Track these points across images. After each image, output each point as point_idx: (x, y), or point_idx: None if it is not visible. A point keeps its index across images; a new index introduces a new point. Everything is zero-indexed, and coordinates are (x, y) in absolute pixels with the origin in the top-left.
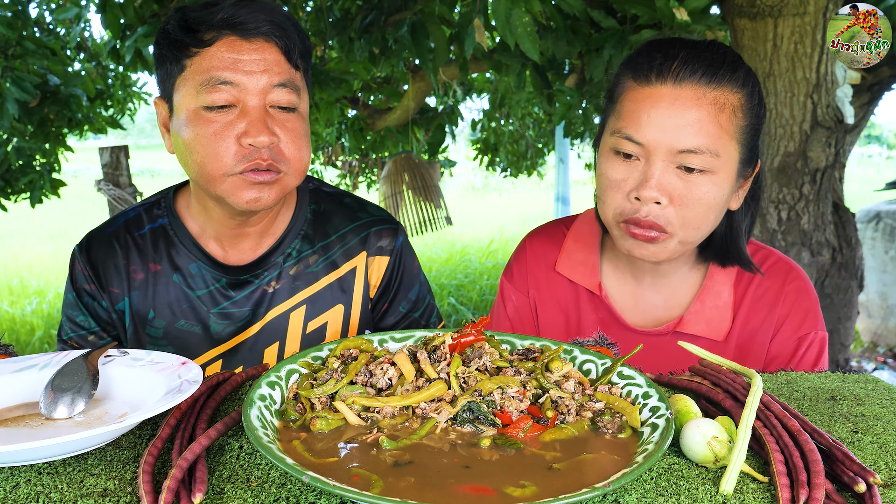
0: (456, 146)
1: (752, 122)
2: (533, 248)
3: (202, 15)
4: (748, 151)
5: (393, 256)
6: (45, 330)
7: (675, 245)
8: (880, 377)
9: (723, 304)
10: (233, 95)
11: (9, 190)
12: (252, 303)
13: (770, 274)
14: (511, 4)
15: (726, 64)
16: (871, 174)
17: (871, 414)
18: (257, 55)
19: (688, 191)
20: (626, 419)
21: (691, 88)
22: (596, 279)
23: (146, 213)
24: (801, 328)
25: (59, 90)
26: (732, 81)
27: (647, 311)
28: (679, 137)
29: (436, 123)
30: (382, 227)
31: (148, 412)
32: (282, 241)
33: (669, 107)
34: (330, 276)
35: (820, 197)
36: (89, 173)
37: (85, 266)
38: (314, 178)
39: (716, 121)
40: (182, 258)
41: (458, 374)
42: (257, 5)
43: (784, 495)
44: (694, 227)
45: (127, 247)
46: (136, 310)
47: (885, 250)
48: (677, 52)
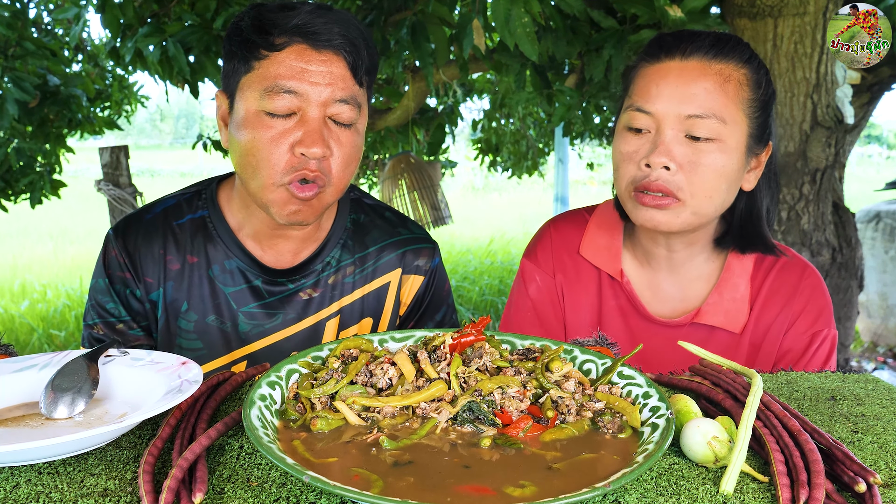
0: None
1: (759, 97)
2: (558, 231)
3: (277, 17)
4: (758, 127)
5: (428, 276)
6: (44, 330)
7: (688, 215)
8: (880, 377)
9: (740, 297)
10: (295, 104)
11: (9, 191)
12: (284, 307)
13: (786, 269)
14: (510, 5)
15: (731, 41)
16: (871, 174)
17: (871, 414)
18: (325, 67)
19: (696, 157)
20: (627, 419)
21: (697, 61)
22: (618, 265)
23: (187, 203)
24: (816, 324)
25: (59, 90)
26: (737, 56)
27: (664, 302)
28: (686, 104)
29: (436, 124)
30: (421, 245)
31: (148, 412)
32: (322, 249)
33: (677, 77)
34: (365, 289)
35: (820, 197)
36: (89, 173)
37: (120, 252)
38: (356, 188)
39: (721, 89)
40: (219, 253)
41: (458, 374)
42: (333, 15)
43: (784, 495)
44: (705, 195)
45: (164, 236)
46: (170, 301)
47: (885, 250)
48: (686, 34)
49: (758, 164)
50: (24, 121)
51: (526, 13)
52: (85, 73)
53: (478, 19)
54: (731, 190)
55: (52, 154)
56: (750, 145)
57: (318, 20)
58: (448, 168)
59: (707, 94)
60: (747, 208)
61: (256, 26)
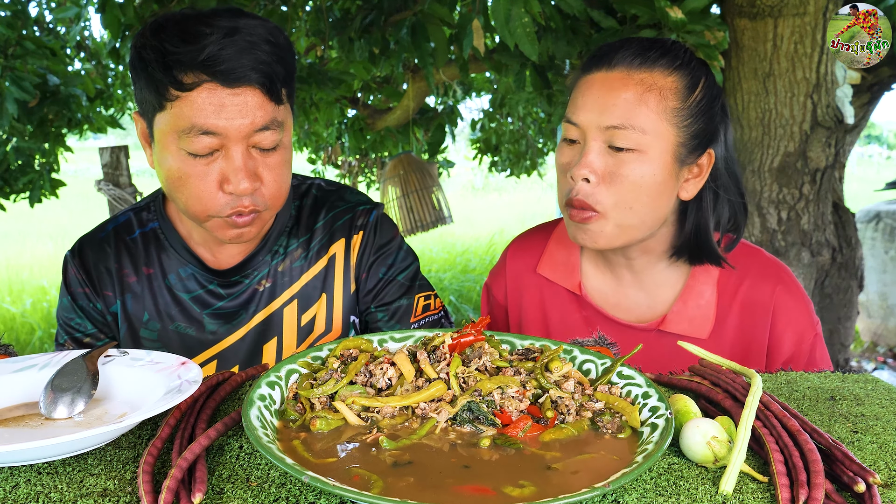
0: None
1: (690, 105)
2: (514, 255)
3: (182, 53)
4: (690, 136)
5: (367, 230)
6: (45, 330)
7: (612, 228)
8: (880, 377)
9: (705, 304)
10: (215, 142)
11: (8, 190)
12: (244, 302)
13: (759, 278)
14: (510, 5)
15: (659, 49)
16: (871, 174)
17: (871, 414)
18: (239, 101)
19: (617, 168)
20: (626, 419)
21: (621, 71)
22: (576, 279)
23: (136, 218)
24: (807, 334)
25: (59, 90)
26: (664, 64)
27: (630, 309)
28: (606, 115)
29: (436, 123)
30: (359, 208)
31: (148, 412)
32: (267, 240)
33: (599, 88)
34: (314, 269)
35: (820, 197)
36: (89, 173)
37: (78, 271)
38: (296, 175)
39: (642, 99)
40: (173, 262)
41: (457, 374)
42: (240, 41)
43: (784, 495)
44: (626, 206)
45: (118, 251)
46: (130, 312)
47: (885, 250)
48: (618, 45)
49: (698, 172)
50: (23, 120)
51: (526, 13)
52: (85, 72)
53: (478, 19)
54: (660, 201)
55: (50, 153)
56: (680, 155)
57: (225, 52)
58: (445, 168)
59: (626, 105)
60: (695, 220)
61: (161, 62)
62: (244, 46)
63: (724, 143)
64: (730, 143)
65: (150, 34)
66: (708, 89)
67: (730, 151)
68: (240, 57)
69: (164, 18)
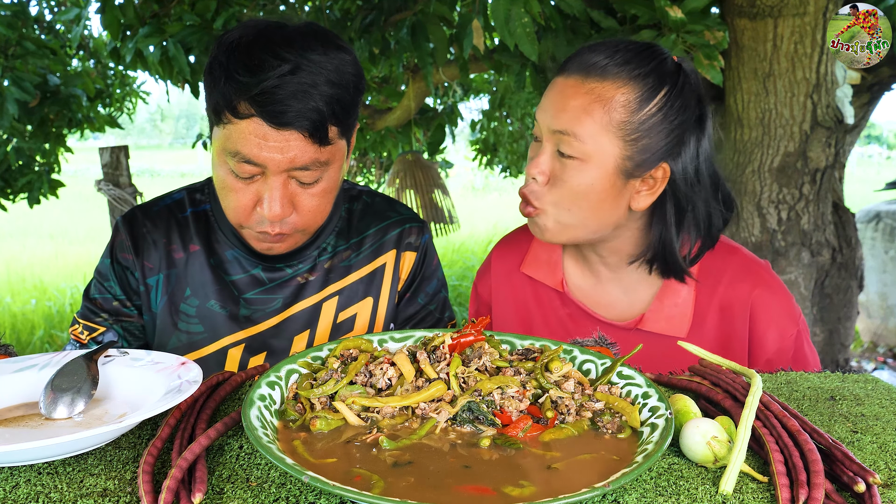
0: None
1: (640, 120)
2: (498, 256)
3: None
4: (637, 152)
5: (419, 252)
6: (45, 329)
7: (553, 223)
8: (880, 377)
9: (682, 303)
10: (256, 170)
11: (8, 190)
12: (284, 291)
13: (737, 277)
14: (510, 5)
15: (623, 56)
16: (871, 174)
17: (871, 414)
18: (282, 141)
19: (560, 172)
20: (626, 419)
21: (574, 79)
22: (558, 276)
23: (189, 198)
24: (788, 332)
25: (59, 90)
26: (617, 74)
27: (610, 307)
28: (554, 119)
29: (436, 123)
30: (411, 225)
31: (148, 412)
32: (317, 237)
33: (555, 93)
34: (361, 271)
35: (820, 197)
36: (89, 173)
37: (126, 237)
38: (346, 180)
39: (587, 109)
40: (220, 244)
41: (457, 374)
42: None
43: (783, 495)
44: (564, 207)
45: (169, 226)
46: (172, 287)
47: (885, 250)
48: (586, 50)
49: (652, 184)
50: (23, 120)
51: (526, 13)
52: (85, 71)
53: (478, 19)
54: (603, 208)
55: (51, 153)
56: (625, 168)
57: (279, 93)
58: (444, 168)
59: (573, 112)
60: (658, 232)
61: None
62: (299, 89)
63: (692, 155)
64: (703, 154)
65: (224, 50)
66: (670, 101)
67: (701, 163)
68: (291, 101)
69: (241, 34)
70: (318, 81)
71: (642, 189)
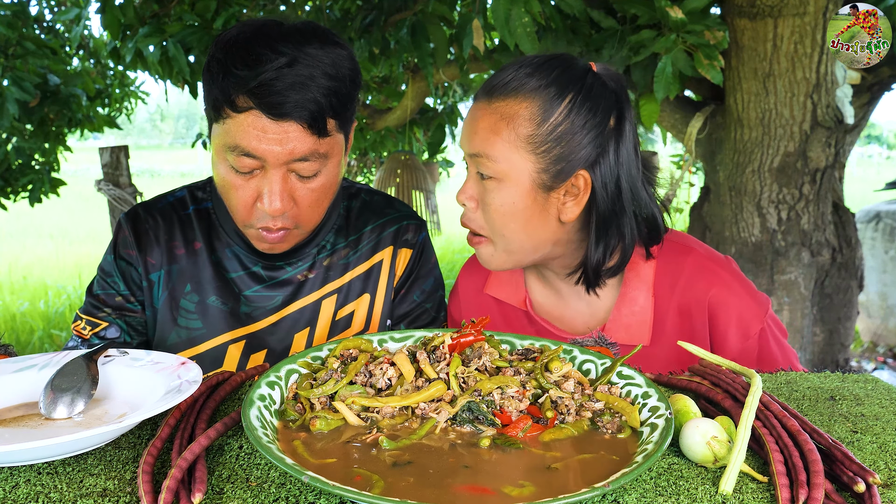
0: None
1: (547, 132)
2: (464, 278)
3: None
4: (551, 163)
5: (416, 249)
6: (45, 329)
7: (501, 252)
8: (880, 377)
9: (640, 310)
10: (255, 164)
11: (8, 189)
12: (284, 289)
13: (693, 277)
14: (510, 5)
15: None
16: (871, 174)
17: (871, 414)
18: (280, 132)
19: (483, 196)
20: (626, 419)
21: (483, 101)
22: (521, 295)
23: (190, 196)
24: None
25: (59, 90)
26: (517, 92)
27: (573, 319)
28: (469, 143)
29: (435, 123)
30: (408, 222)
31: (148, 412)
32: (316, 234)
33: (468, 118)
34: (359, 268)
35: (820, 197)
36: (89, 173)
37: (129, 233)
38: (345, 178)
39: (494, 129)
40: (221, 241)
41: (457, 374)
42: (295, 74)
43: (783, 495)
44: (499, 232)
45: (171, 223)
46: (173, 283)
47: (885, 250)
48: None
49: (577, 192)
50: (24, 120)
51: (526, 13)
52: (85, 71)
53: (478, 19)
54: (532, 225)
55: (50, 153)
56: (543, 181)
57: (277, 85)
58: (444, 168)
59: (482, 134)
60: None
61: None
62: (297, 80)
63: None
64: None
65: (221, 47)
66: (575, 108)
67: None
68: (289, 92)
69: (239, 31)
70: (315, 74)
71: (567, 200)
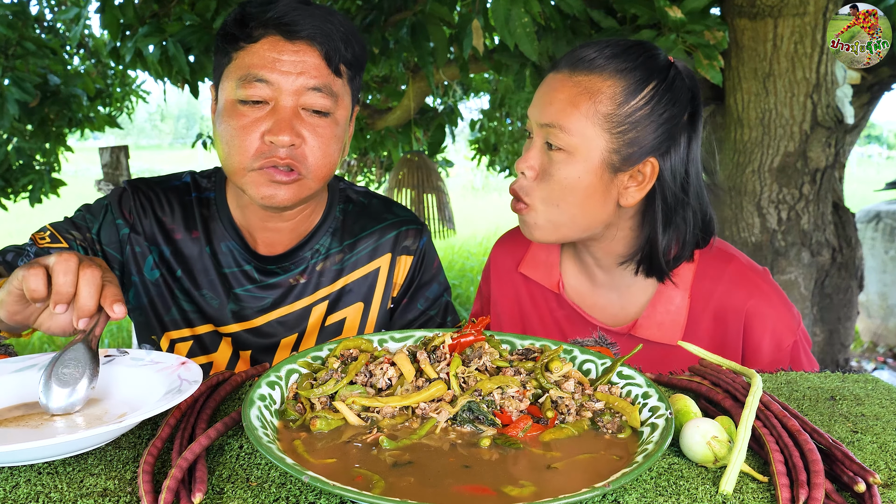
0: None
1: (627, 113)
2: (498, 253)
3: (257, 11)
4: (624, 145)
5: (416, 256)
6: None
7: (543, 222)
8: (880, 377)
9: (675, 309)
10: (267, 93)
11: (9, 189)
12: (275, 292)
13: (733, 284)
14: (510, 5)
15: (605, 55)
16: (871, 174)
17: (871, 414)
18: (296, 57)
19: (548, 166)
20: (626, 419)
21: (563, 73)
22: (555, 278)
23: (194, 183)
24: (785, 341)
25: (60, 90)
26: (602, 69)
27: (605, 310)
28: (542, 113)
29: (436, 123)
30: (408, 227)
31: (148, 412)
32: (311, 237)
33: (546, 87)
34: (354, 274)
35: (820, 197)
36: (89, 173)
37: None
38: (343, 179)
39: (572, 102)
40: (217, 235)
41: (457, 374)
42: (312, 9)
43: (784, 495)
44: (553, 203)
45: (172, 206)
46: (168, 260)
47: (885, 250)
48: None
49: (641, 179)
50: (24, 120)
51: (526, 13)
52: (86, 71)
53: (478, 19)
54: (590, 203)
55: (51, 153)
56: (612, 161)
57: (295, 13)
58: (444, 168)
59: (559, 105)
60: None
61: (238, 20)
62: (314, 13)
63: (682, 155)
64: (694, 157)
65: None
66: (657, 95)
67: (691, 166)
68: (306, 17)
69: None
70: (328, 15)
71: (630, 185)
